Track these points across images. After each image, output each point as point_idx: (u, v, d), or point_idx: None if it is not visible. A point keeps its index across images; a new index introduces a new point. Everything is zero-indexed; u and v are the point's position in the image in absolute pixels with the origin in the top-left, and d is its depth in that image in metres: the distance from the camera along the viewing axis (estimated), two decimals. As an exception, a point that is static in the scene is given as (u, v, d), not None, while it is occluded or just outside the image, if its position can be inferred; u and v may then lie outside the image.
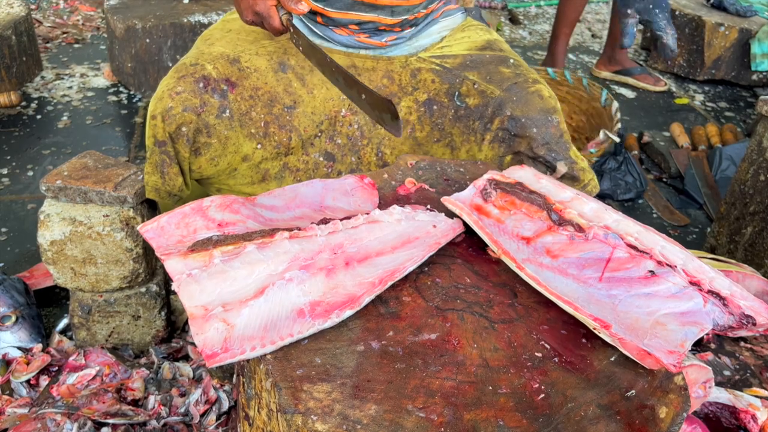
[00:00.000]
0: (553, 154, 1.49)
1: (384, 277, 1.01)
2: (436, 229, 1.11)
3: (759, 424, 1.34)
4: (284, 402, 0.85)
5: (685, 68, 3.61)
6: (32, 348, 1.63)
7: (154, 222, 1.05)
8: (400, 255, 1.04)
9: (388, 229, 1.08)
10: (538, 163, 1.51)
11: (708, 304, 1.01)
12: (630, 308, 0.97)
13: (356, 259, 1.02)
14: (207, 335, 0.91)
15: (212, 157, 1.47)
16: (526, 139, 1.51)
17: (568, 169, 1.50)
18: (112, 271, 1.57)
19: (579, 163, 1.53)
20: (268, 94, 1.49)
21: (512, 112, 1.51)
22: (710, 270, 1.07)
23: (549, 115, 1.51)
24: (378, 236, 1.06)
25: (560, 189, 1.19)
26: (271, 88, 1.50)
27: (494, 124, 1.53)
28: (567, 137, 1.52)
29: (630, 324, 0.94)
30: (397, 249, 1.05)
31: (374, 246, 1.05)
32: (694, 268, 1.05)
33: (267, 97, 1.49)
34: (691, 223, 2.44)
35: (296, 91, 1.52)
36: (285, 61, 1.53)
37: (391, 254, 1.04)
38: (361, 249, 1.04)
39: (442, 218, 1.16)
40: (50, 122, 2.85)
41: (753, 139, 1.89)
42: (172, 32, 2.96)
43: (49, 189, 1.51)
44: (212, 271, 0.96)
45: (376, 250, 1.04)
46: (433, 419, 0.82)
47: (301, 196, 1.18)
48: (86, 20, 3.98)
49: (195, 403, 1.45)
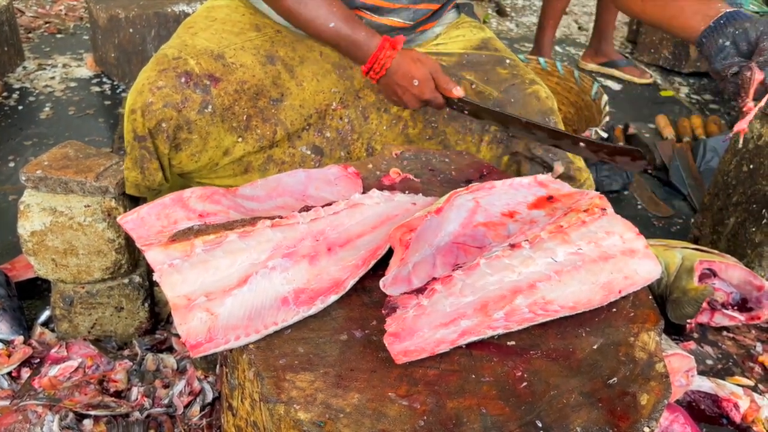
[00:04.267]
0: (550, 154, 1.50)
1: (366, 257, 1.00)
2: (415, 206, 1.11)
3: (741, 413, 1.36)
4: (267, 391, 0.84)
5: (670, 61, 3.62)
6: (13, 340, 1.61)
7: (133, 213, 1.04)
8: (381, 232, 1.04)
9: (369, 212, 1.08)
10: (535, 163, 1.52)
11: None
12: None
13: (338, 243, 1.02)
14: (190, 325, 0.91)
15: (193, 152, 1.44)
16: (523, 140, 1.51)
17: (565, 169, 1.50)
18: (94, 262, 1.55)
19: (576, 162, 1.54)
20: (254, 88, 1.46)
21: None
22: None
23: (546, 116, 1.52)
24: (359, 220, 1.06)
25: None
26: (258, 81, 1.47)
27: (492, 125, 1.53)
28: None
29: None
30: (377, 228, 1.05)
31: (355, 229, 1.05)
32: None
33: (253, 90, 1.46)
34: (675, 214, 2.45)
35: (284, 84, 1.49)
36: (273, 53, 1.50)
37: (372, 234, 1.05)
38: (343, 233, 1.03)
39: (421, 197, 1.16)
40: (32, 113, 2.81)
41: (736, 130, 1.90)
42: (156, 22, 2.93)
43: (29, 179, 1.49)
44: (194, 261, 0.95)
45: (357, 232, 1.05)
46: (416, 408, 0.82)
47: (283, 185, 1.17)
48: (69, 10, 3.93)
49: (179, 395, 1.44)
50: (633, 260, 1.02)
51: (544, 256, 0.99)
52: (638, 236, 1.05)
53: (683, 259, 1.51)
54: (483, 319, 0.92)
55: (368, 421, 0.80)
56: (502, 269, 0.97)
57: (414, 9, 1.50)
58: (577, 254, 1.01)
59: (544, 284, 0.97)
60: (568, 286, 0.97)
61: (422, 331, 0.90)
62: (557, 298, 0.96)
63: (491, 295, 0.95)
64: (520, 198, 1.14)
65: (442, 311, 0.93)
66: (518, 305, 0.94)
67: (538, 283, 0.97)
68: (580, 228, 1.03)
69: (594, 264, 1.00)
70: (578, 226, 1.04)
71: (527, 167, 1.53)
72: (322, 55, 1.53)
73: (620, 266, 1.01)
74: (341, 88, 1.53)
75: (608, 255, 1.01)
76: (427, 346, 0.89)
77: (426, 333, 0.90)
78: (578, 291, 0.98)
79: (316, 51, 1.53)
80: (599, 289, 0.98)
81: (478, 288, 0.95)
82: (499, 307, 0.94)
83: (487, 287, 0.96)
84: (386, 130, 1.56)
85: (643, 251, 1.03)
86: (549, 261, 0.99)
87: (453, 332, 0.91)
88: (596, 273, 0.99)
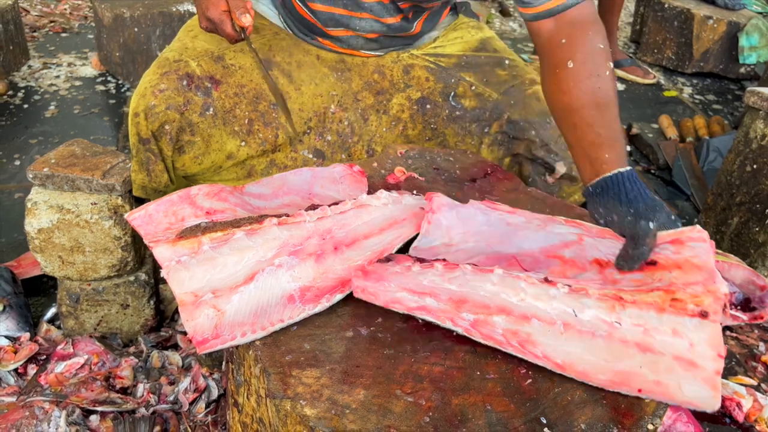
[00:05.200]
0: (552, 155, 1.49)
1: (373, 258, 1.01)
2: (423, 211, 1.12)
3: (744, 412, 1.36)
4: (273, 387, 0.85)
5: (673, 61, 3.62)
6: (20, 337, 1.62)
7: (141, 210, 1.05)
8: (388, 235, 1.05)
9: (376, 213, 1.08)
10: (537, 164, 1.51)
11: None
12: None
13: (345, 243, 1.02)
14: (197, 322, 0.91)
15: (196, 155, 1.45)
16: (524, 141, 1.51)
17: (567, 170, 1.50)
18: (101, 259, 1.56)
19: None
20: (253, 91, 1.47)
21: (510, 116, 1.51)
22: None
23: (547, 116, 1.50)
24: (366, 220, 1.07)
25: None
26: (256, 86, 1.47)
27: (493, 127, 1.53)
28: None
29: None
30: (384, 230, 1.05)
31: (362, 229, 1.05)
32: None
33: (252, 94, 1.47)
34: (678, 214, 2.46)
35: (282, 88, 1.49)
36: (270, 58, 1.50)
37: (379, 235, 1.05)
38: (350, 233, 1.04)
39: None
40: (37, 111, 2.82)
41: (740, 130, 1.91)
42: (160, 21, 2.93)
43: (36, 176, 1.50)
44: (201, 258, 0.96)
45: (364, 233, 1.05)
46: (422, 404, 0.83)
47: (289, 183, 1.18)
48: (74, 9, 3.94)
49: (184, 391, 1.45)
50: (684, 373, 0.84)
51: (567, 305, 0.90)
52: (717, 357, 0.84)
53: (686, 259, 1.51)
54: (450, 309, 0.92)
55: (374, 417, 0.81)
56: (508, 287, 0.92)
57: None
58: (608, 324, 0.88)
59: (541, 325, 0.89)
60: (566, 344, 0.88)
61: (389, 284, 0.94)
62: (545, 345, 0.88)
63: (475, 298, 0.92)
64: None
65: (419, 282, 0.95)
66: (494, 322, 0.90)
67: (535, 320, 0.89)
68: (643, 310, 0.88)
69: (623, 345, 0.87)
70: (643, 308, 0.89)
71: (529, 168, 1.52)
72: (319, 59, 1.53)
73: (660, 367, 0.85)
74: (339, 91, 1.54)
75: (652, 348, 0.86)
76: (383, 296, 0.93)
77: (390, 287, 0.93)
78: (577, 356, 0.87)
79: (312, 55, 1.53)
80: (610, 371, 0.86)
81: (470, 286, 0.94)
82: (473, 311, 0.91)
83: (478, 290, 0.93)
84: (386, 132, 1.56)
85: (708, 374, 0.83)
86: (567, 311, 0.89)
87: (414, 302, 0.93)
88: (618, 355, 0.86)
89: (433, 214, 1.08)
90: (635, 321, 0.87)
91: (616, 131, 1.09)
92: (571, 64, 1.14)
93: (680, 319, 0.86)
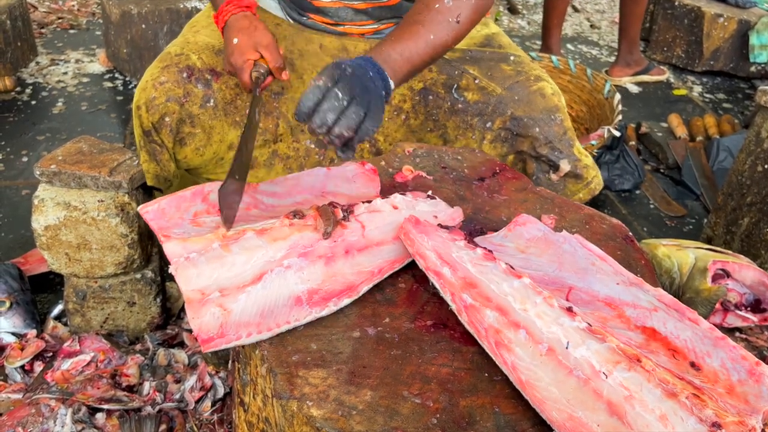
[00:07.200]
0: (556, 153, 1.47)
1: (383, 266, 1.00)
2: (436, 219, 1.10)
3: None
4: (279, 387, 0.84)
5: (683, 59, 3.60)
6: (26, 334, 1.62)
7: (154, 204, 1.05)
8: (401, 246, 1.03)
9: (390, 218, 1.07)
10: (541, 162, 1.50)
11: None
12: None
13: (356, 248, 1.01)
14: (203, 320, 0.91)
15: (197, 147, 1.45)
16: (528, 138, 1.49)
17: (572, 167, 1.48)
18: (107, 256, 1.56)
19: (583, 160, 1.50)
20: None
21: (514, 112, 1.49)
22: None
23: (552, 113, 1.48)
24: (378, 225, 1.05)
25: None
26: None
27: (496, 123, 1.51)
28: (571, 133, 1.50)
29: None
30: (397, 240, 1.04)
31: (375, 235, 1.04)
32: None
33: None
34: (688, 214, 2.44)
35: None
36: None
37: (392, 245, 1.04)
38: (362, 238, 1.03)
39: (443, 207, 1.15)
40: (45, 108, 2.83)
41: (751, 130, 1.89)
42: (168, 18, 2.93)
43: (44, 173, 1.50)
44: (210, 256, 0.95)
45: (377, 239, 1.04)
46: (429, 405, 0.82)
47: (302, 183, 1.18)
48: (81, 5, 3.95)
49: (190, 390, 1.45)
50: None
51: (566, 336, 0.83)
52: None
53: (696, 260, 1.50)
54: (456, 285, 0.94)
55: (381, 418, 0.80)
56: (519, 294, 0.89)
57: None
58: (593, 371, 0.80)
59: (526, 339, 0.85)
60: (539, 367, 0.82)
61: (428, 240, 0.99)
62: (518, 358, 0.84)
63: (484, 288, 0.91)
64: (689, 333, 0.89)
65: (449, 252, 0.97)
66: (485, 314, 0.88)
67: (524, 332, 0.86)
68: (649, 382, 0.78)
69: (593, 396, 0.78)
70: (651, 380, 0.78)
71: (533, 166, 1.51)
72: (322, 48, 1.53)
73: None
74: None
75: (622, 416, 0.76)
76: (416, 246, 1.00)
77: (426, 243, 0.99)
78: (543, 382, 0.81)
79: (315, 43, 1.53)
80: (565, 413, 0.78)
81: (488, 278, 0.92)
82: (474, 297, 0.90)
83: (491, 283, 0.91)
84: (388, 122, 1.55)
85: None
86: (562, 340, 0.83)
87: (434, 264, 0.97)
88: (582, 402, 0.78)
89: (516, 226, 1.11)
90: (627, 383, 0.77)
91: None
92: None
93: (683, 412, 0.74)
